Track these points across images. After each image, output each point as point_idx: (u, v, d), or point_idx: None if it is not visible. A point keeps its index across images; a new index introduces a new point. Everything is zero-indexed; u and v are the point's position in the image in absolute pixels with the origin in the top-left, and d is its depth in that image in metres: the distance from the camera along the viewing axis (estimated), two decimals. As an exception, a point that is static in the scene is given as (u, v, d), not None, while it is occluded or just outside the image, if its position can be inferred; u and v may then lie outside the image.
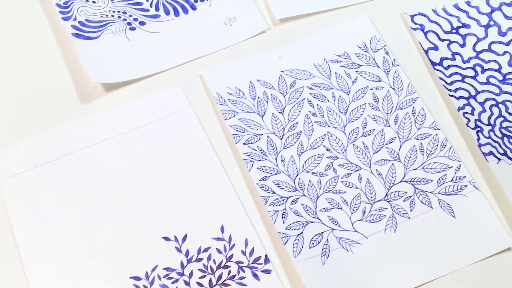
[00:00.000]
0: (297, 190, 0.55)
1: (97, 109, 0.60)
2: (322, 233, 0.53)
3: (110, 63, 0.61)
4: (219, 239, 0.53)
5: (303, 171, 0.56)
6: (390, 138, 0.57)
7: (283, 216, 0.54)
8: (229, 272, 0.52)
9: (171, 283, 0.52)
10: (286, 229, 0.53)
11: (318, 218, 0.54)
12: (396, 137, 0.58)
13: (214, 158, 0.57)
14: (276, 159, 0.57)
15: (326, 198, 0.55)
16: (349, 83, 0.60)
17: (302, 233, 0.53)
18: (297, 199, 0.55)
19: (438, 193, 0.55)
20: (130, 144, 0.57)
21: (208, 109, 0.60)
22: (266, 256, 0.53)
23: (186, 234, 0.53)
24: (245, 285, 0.52)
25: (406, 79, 0.60)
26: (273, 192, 0.55)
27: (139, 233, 0.54)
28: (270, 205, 0.54)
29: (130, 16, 0.64)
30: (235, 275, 0.52)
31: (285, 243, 0.53)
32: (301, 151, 0.57)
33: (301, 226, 0.54)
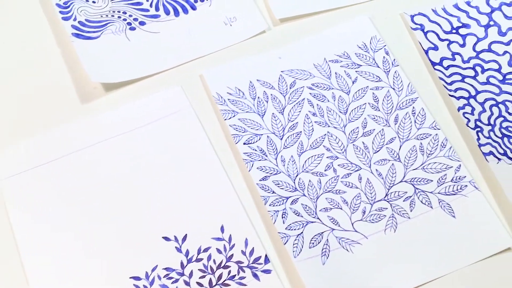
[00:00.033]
0: (297, 190, 0.55)
1: (97, 109, 0.60)
2: (322, 233, 0.53)
3: (110, 63, 0.61)
4: (219, 239, 0.53)
5: (303, 171, 0.56)
6: (390, 138, 0.57)
7: (283, 216, 0.54)
8: (229, 272, 0.52)
9: (171, 283, 0.52)
10: (286, 229, 0.53)
11: (318, 218, 0.54)
12: (396, 137, 0.57)
13: (214, 158, 0.57)
14: (276, 159, 0.57)
15: (326, 198, 0.55)
16: (349, 83, 0.60)
17: (302, 233, 0.53)
18: (297, 199, 0.55)
19: (438, 193, 0.55)
20: (130, 144, 0.57)
21: (208, 109, 0.60)
22: (266, 256, 0.53)
23: (186, 234, 0.53)
24: (245, 285, 0.52)
25: (406, 79, 0.60)
26: (273, 192, 0.55)
27: (139, 233, 0.54)
28: (270, 205, 0.54)
29: (130, 16, 0.64)
30: (235, 275, 0.52)
31: (285, 243, 0.53)
32: (301, 151, 0.57)
33: (301, 226, 0.54)
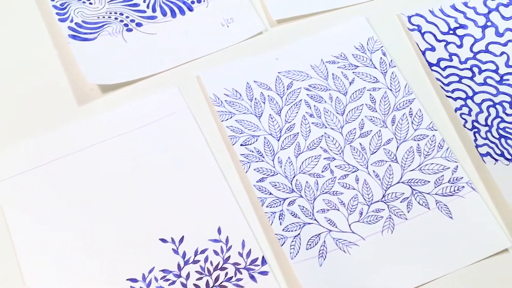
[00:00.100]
0: (294, 192, 0.55)
1: (94, 110, 0.60)
2: (319, 234, 0.53)
3: (107, 65, 0.61)
4: (216, 241, 0.53)
5: (300, 173, 0.56)
6: (387, 139, 0.57)
7: (280, 217, 0.54)
8: (226, 273, 0.52)
9: (168, 285, 0.52)
10: (283, 230, 0.53)
11: (315, 220, 0.54)
12: (393, 138, 0.57)
13: (211, 160, 0.57)
14: (273, 161, 0.57)
15: (323, 200, 0.55)
16: (346, 84, 0.60)
17: (299, 234, 0.53)
18: (294, 200, 0.55)
19: (435, 194, 0.55)
20: (127, 146, 0.57)
21: (205, 110, 0.60)
22: (263, 257, 0.53)
23: (183, 235, 0.53)
24: (242, 286, 0.52)
25: (403, 80, 0.60)
26: (270, 194, 0.55)
27: (136, 235, 0.53)
28: (267, 206, 0.54)
29: (127, 17, 0.64)
30: (232, 276, 0.52)
31: (282, 245, 0.53)
32: (298, 152, 0.57)
33: (298, 227, 0.53)
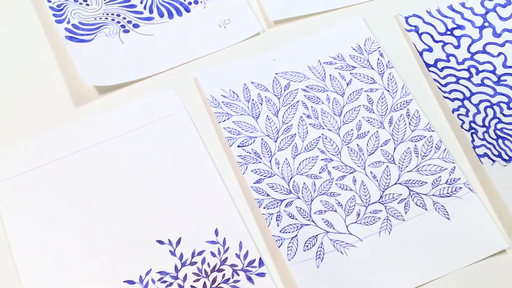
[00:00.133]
0: (291, 193, 0.55)
1: (91, 112, 0.60)
2: (317, 235, 0.53)
3: (104, 66, 0.61)
4: (213, 242, 0.53)
5: (297, 174, 0.56)
6: (385, 140, 0.57)
7: (278, 219, 0.54)
8: (223, 275, 0.52)
9: (165, 286, 0.51)
10: (280, 232, 0.53)
11: (313, 221, 0.54)
12: (391, 139, 0.57)
13: (208, 161, 0.57)
14: (270, 162, 0.56)
15: (320, 201, 0.55)
16: (343, 85, 0.60)
17: (296, 236, 0.53)
18: (292, 201, 0.55)
19: (433, 195, 0.55)
20: (124, 147, 0.57)
21: (202, 111, 0.60)
22: (260, 259, 0.52)
23: (180, 237, 0.53)
24: (239, 288, 0.52)
25: (401, 81, 0.60)
26: (267, 195, 0.55)
27: (133, 236, 0.53)
28: (264, 208, 0.54)
29: (124, 18, 0.64)
30: (229, 278, 0.52)
31: (279, 246, 0.53)
32: (296, 153, 0.57)
33: (296, 229, 0.53)
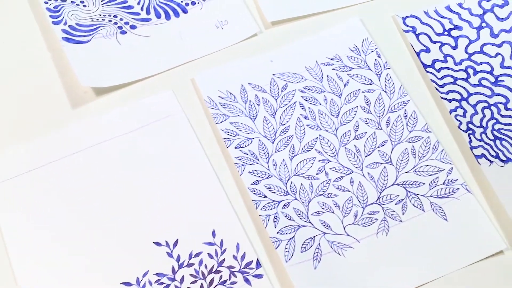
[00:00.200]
0: (288, 194, 0.55)
1: (88, 113, 0.59)
2: (314, 237, 0.53)
3: (101, 67, 0.61)
4: (210, 244, 0.53)
5: (294, 175, 0.56)
6: (382, 141, 0.57)
7: (275, 220, 0.54)
8: (221, 277, 0.52)
9: (162, 288, 0.52)
10: (277, 233, 0.53)
11: (310, 222, 0.54)
12: (388, 140, 0.57)
13: (206, 162, 0.56)
14: (267, 163, 0.56)
15: (318, 202, 0.55)
16: (341, 86, 0.60)
17: (293, 237, 0.53)
18: (289, 203, 0.55)
19: (430, 196, 0.55)
20: (121, 148, 0.57)
21: (199, 113, 0.59)
22: (257, 260, 0.52)
23: (177, 239, 0.53)
24: (236, 290, 0.52)
25: (398, 81, 0.60)
26: (264, 196, 0.55)
27: (130, 238, 0.53)
28: (261, 209, 0.54)
29: (121, 19, 0.64)
30: (227, 280, 0.52)
31: (276, 248, 0.52)
32: (293, 154, 0.57)
33: (293, 230, 0.53)
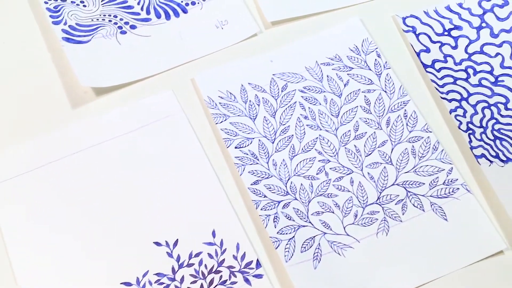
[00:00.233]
0: (288, 194, 0.55)
1: (88, 113, 0.59)
2: (314, 237, 0.53)
3: (101, 67, 0.61)
4: (210, 244, 0.53)
5: (294, 175, 0.56)
6: (382, 141, 0.57)
7: (275, 220, 0.54)
8: (221, 277, 0.52)
9: (162, 288, 0.52)
10: (277, 233, 0.53)
11: (310, 222, 0.54)
12: (388, 140, 0.57)
13: (206, 162, 0.56)
14: (267, 163, 0.56)
15: (318, 202, 0.55)
16: (341, 86, 0.60)
17: (293, 237, 0.53)
18: (289, 203, 0.55)
19: (430, 196, 0.55)
20: (121, 149, 0.57)
21: (199, 113, 0.59)
22: (257, 260, 0.52)
23: (177, 239, 0.53)
24: (236, 290, 0.52)
25: (398, 81, 0.60)
26: (264, 196, 0.55)
27: (130, 238, 0.53)
28: (261, 209, 0.54)
29: (121, 19, 0.64)
30: (227, 280, 0.52)
31: (276, 248, 0.52)
32: (293, 154, 0.57)
33: (293, 230, 0.53)
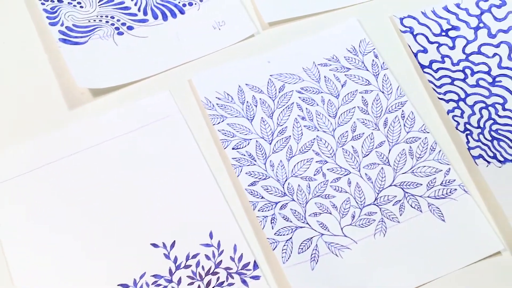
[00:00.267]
0: (286, 195, 0.55)
1: (85, 114, 0.59)
2: (311, 238, 0.53)
3: (98, 68, 0.61)
4: (207, 245, 0.53)
5: (292, 176, 0.56)
6: (380, 142, 0.57)
7: (272, 221, 0.54)
8: (218, 278, 0.52)
9: (160, 290, 0.52)
10: (275, 234, 0.53)
11: (307, 223, 0.54)
12: (386, 141, 0.57)
13: (203, 164, 0.56)
14: (265, 164, 0.56)
15: (315, 203, 0.55)
16: (338, 87, 0.60)
17: (291, 238, 0.53)
18: (286, 204, 0.55)
19: (428, 197, 0.55)
20: (118, 150, 0.57)
21: (196, 114, 0.59)
22: (255, 262, 0.52)
23: (175, 240, 0.53)
24: (234, 291, 0.51)
25: (395, 82, 0.60)
26: (262, 198, 0.55)
27: (127, 239, 0.53)
28: (259, 210, 0.54)
29: (118, 20, 0.64)
30: (224, 281, 0.52)
31: (274, 249, 0.52)
32: (290, 155, 0.57)
33: (290, 231, 0.53)
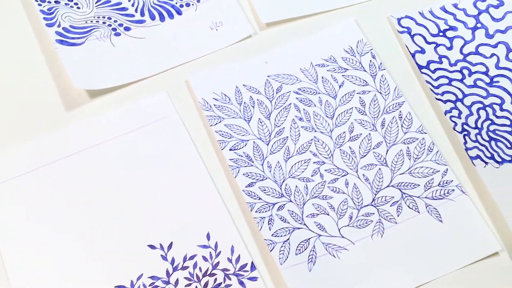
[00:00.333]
0: (283, 196, 0.55)
1: (82, 116, 0.59)
2: (309, 239, 0.53)
3: (95, 70, 0.61)
4: (205, 247, 0.53)
5: (289, 177, 0.56)
6: (377, 142, 0.57)
7: (269, 222, 0.53)
8: (215, 280, 0.52)
9: (157, 291, 0.51)
10: (272, 235, 0.53)
11: (305, 224, 0.54)
12: (383, 142, 0.57)
13: (200, 165, 0.56)
14: (262, 165, 0.56)
15: (312, 204, 0.55)
16: (335, 88, 0.60)
17: (288, 239, 0.53)
18: (284, 205, 0.54)
19: (425, 197, 0.55)
20: (114, 151, 0.57)
21: (194, 114, 0.59)
22: (252, 263, 0.52)
23: (172, 242, 0.53)
24: (231, 292, 0.51)
25: (393, 83, 0.60)
26: (259, 199, 0.55)
27: (124, 241, 0.53)
28: (256, 211, 0.54)
29: (115, 21, 0.64)
30: (221, 282, 0.52)
31: (271, 250, 0.52)
32: (288, 156, 0.57)
33: (288, 232, 0.53)
